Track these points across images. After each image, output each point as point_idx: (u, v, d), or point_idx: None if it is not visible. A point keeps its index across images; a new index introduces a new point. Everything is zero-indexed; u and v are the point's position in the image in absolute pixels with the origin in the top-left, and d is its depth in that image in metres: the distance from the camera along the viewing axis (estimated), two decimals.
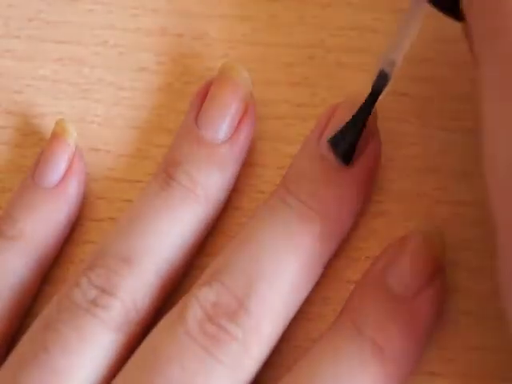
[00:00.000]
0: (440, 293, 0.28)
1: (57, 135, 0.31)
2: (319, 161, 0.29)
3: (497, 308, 0.29)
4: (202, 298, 0.27)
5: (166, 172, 0.30)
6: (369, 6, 0.34)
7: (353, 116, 0.29)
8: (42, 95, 0.34)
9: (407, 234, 0.29)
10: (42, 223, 0.30)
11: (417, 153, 0.32)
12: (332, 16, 0.34)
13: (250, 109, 0.31)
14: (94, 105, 0.33)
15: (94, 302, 0.28)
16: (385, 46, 0.31)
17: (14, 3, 0.35)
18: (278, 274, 0.28)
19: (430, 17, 0.33)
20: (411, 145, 0.32)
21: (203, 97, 0.31)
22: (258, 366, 0.27)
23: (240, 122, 0.31)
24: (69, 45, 0.34)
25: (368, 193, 0.30)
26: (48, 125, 0.33)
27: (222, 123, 0.30)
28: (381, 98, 0.29)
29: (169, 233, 0.29)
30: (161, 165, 0.31)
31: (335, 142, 0.29)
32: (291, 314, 0.28)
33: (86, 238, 0.32)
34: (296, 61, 0.33)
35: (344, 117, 0.30)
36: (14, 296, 0.29)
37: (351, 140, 0.29)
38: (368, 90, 0.30)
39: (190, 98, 0.32)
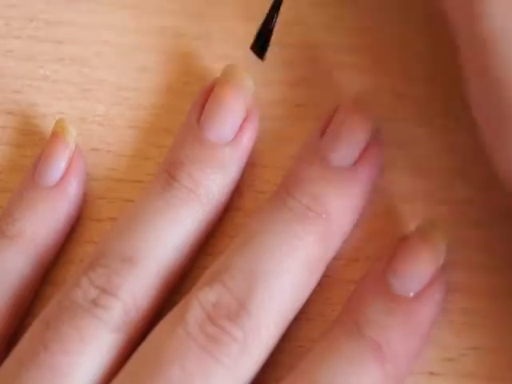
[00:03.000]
0: (440, 293, 0.28)
1: (56, 135, 0.31)
2: (319, 162, 0.29)
3: (497, 308, 0.30)
4: (202, 299, 0.27)
5: (168, 172, 0.30)
6: (370, 6, 0.34)
7: (265, 18, 0.31)
8: (42, 95, 0.34)
9: (407, 234, 0.29)
10: (42, 222, 0.30)
11: (417, 153, 0.32)
12: (332, 16, 0.34)
13: (252, 111, 0.31)
14: (94, 105, 0.33)
15: (95, 302, 0.28)
16: (385, 46, 0.32)
17: (15, 3, 0.35)
18: (278, 275, 0.28)
19: (431, 16, 0.33)
20: (412, 145, 0.32)
21: (206, 98, 0.31)
22: (258, 367, 0.27)
23: (243, 123, 0.31)
24: (69, 45, 0.34)
25: (369, 193, 0.30)
26: (48, 125, 0.33)
27: (225, 125, 0.30)
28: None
29: (170, 233, 0.29)
30: (162, 165, 0.31)
31: (257, 46, 0.31)
32: (292, 315, 0.28)
33: (87, 238, 0.32)
34: (296, 61, 0.33)
35: (344, 118, 0.30)
36: (15, 294, 0.29)
37: (267, 37, 0.31)
38: (368, 90, 0.30)
39: (190, 97, 0.32)
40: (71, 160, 0.31)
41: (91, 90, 0.34)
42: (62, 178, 0.31)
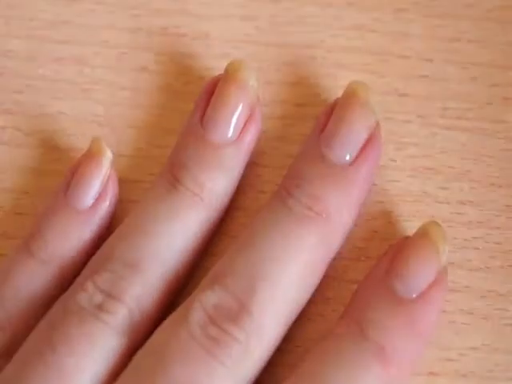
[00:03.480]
0: (442, 293, 0.28)
1: (92, 155, 0.30)
2: (319, 161, 0.29)
3: (497, 308, 0.30)
4: (204, 301, 0.27)
5: (172, 174, 0.30)
6: (369, 6, 0.34)
7: None
8: (42, 95, 0.33)
9: (409, 234, 0.29)
10: (73, 246, 0.30)
11: (418, 153, 0.32)
12: (332, 16, 0.34)
13: (256, 110, 0.31)
14: (94, 105, 0.33)
15: (100, 307, 0.27)
16: (385, 46, 0.32)
17: (15, 3, 0.35)
18: (279, 275, 0.27)
19: (430, 16, 0.33)
20: (412, 145, 0.32)
21: (209, 96, 0.30)
22: (260, 368, 0.27)
23: (246, 123, 0.30)
24: (69, 45, 0.34)
25: (369, 193, 0.30)
26: (49, 124, 0.33)
27: (228, 125, 0.30)
28: None
29: (174, 237, 0.29)
30: (165, 165, 0.30)
31: None
32: (294, 316, 0.28)
33: None
34: (296, 61, 0.33)
35: (343, 115, 0.30)
36: (36, 314, 0.29)
37: None
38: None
39: (190, 97, 0.32)
40: (105, 183, 0.30)
41: (91, 90, 0.33)
42: (96, 200, 0.30)
